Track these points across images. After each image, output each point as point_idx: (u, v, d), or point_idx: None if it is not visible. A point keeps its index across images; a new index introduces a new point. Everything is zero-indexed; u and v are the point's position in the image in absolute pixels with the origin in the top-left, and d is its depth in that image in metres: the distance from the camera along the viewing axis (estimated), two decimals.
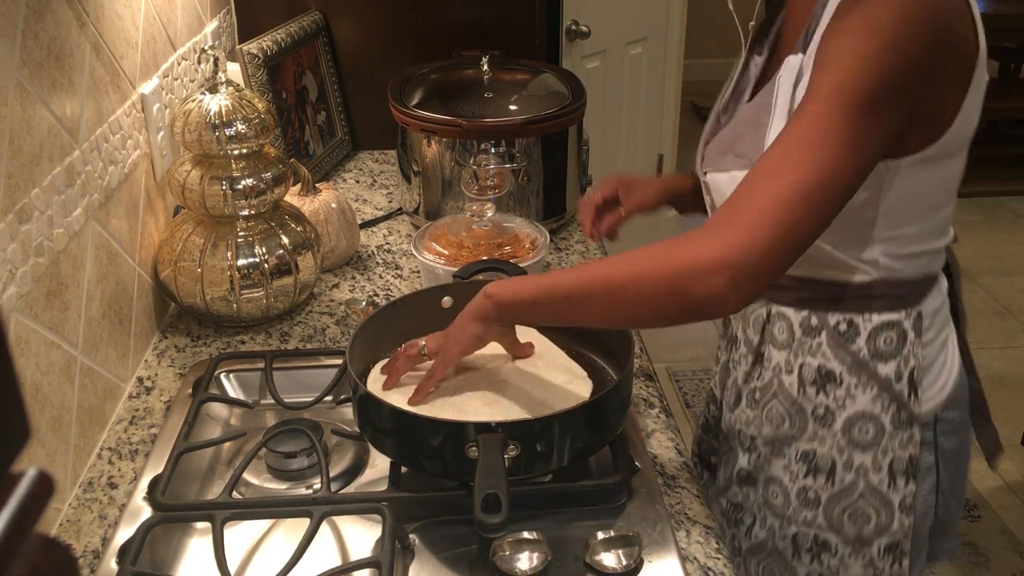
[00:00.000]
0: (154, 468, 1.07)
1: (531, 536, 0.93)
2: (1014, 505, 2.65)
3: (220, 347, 1.33)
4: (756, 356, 1.14)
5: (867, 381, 1.06)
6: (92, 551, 0.98)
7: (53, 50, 1.05)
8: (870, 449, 1.08)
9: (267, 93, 1.70)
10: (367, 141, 2.03)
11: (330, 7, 1.93)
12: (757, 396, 1.14)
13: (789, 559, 1.15)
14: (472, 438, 0.93)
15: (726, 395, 1.22)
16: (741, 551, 1.20)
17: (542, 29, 2.00)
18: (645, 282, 0.89)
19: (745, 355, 1.16)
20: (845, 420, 1.07)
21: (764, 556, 1.17)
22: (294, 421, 1.10)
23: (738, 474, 1.18)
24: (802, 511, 1.12)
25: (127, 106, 1.27)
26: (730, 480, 1.20)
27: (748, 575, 1.20)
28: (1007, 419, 2.98)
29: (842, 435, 1.08)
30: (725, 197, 0.99)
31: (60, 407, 1.04)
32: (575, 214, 1.71)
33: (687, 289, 0.88)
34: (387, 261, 1.58)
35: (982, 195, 4.50)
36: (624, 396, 1.03)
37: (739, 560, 1.21)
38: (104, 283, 1.18)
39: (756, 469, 1.16)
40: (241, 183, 1.30)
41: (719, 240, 0.86)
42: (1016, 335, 3.46)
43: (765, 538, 1.16)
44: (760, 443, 1.14)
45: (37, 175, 1.00)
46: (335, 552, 0.98)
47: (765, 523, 1.16)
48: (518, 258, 1.34)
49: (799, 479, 1.11)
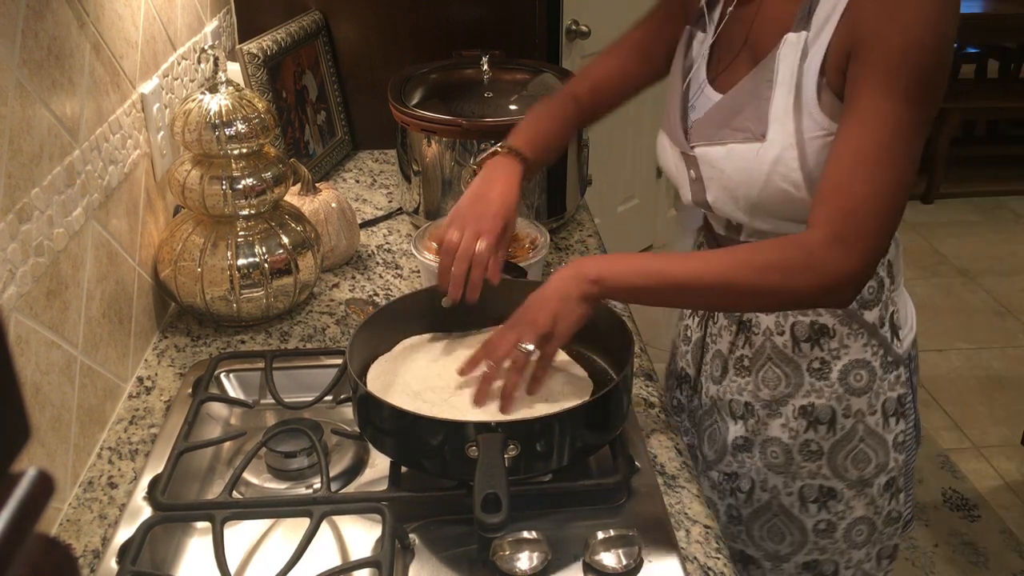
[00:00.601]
0: (154, 468, 1.07)
1: (531, 536, 0.93)
2: (1014, 505, 2.65)
3: (220, 347, 1.33)
4: (739, 325, 1.18)
5: (857, 329, 1.13)
6: (92, 551, 0.98)
7: (53, 50, 1.05)
8: (865, 393, 1.14)
9: (267, 93, 1.70)
10: (367, 141, 2.03)
11: (330, 7, 1.93)
12: (746, 363, 1.18)
13: (796, 513, 1.20)
14: (472, 438, 0.93)
15: (704, 370, 1.25)
16: (742, 518, 1.23)
17: (542, 29, 2.00)
18: (775, 294, 0.99)
19: (727, 326, 1.20)
20: (840, 369, 1.13)
21: (769, 517, 1.21)
22: (294, 421, 1.10)
23: (734, 443, 1.21)
24: (806, 464, 1.17)
25: (127, 106, 1.27)
26: (722, 451, 1.23)
27: (752, 540, 1.23)
28: (1007, 419, 2.98)
29: (839, 384, 1.14)
30: (720, 170, 1.07)
31: (60, 407, 1.04)
32: (575, 214, 1.71)
33: (823, 301, 1.02)
34: (387, 261, 1.58)
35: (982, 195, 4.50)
36: (624, 396, 1.03)
37: (739, 528, 1.24)
38: (104, 283, 1.18)
39: (753, 434, 1.19)
40: (241, 183, 1.30)
41: (856, 254, 0.95)
42: (1016, 335, 3.46)
43: (769, 499, 1.20)
44: (758, 407, 1.18)
45: (37, 175, 1.00)
46: (335, 552, 0.98)
47: (767, 484, 1.20)
48: (518, 258, 1.34)
49: (800, 434, 1.16)
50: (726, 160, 1.06)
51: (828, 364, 1.13)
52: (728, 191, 1.08)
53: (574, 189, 1.68)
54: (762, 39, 1.06)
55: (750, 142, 1.03)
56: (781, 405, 1.16)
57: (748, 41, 1.08)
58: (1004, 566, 2.45)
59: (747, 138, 1.03)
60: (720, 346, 1.21)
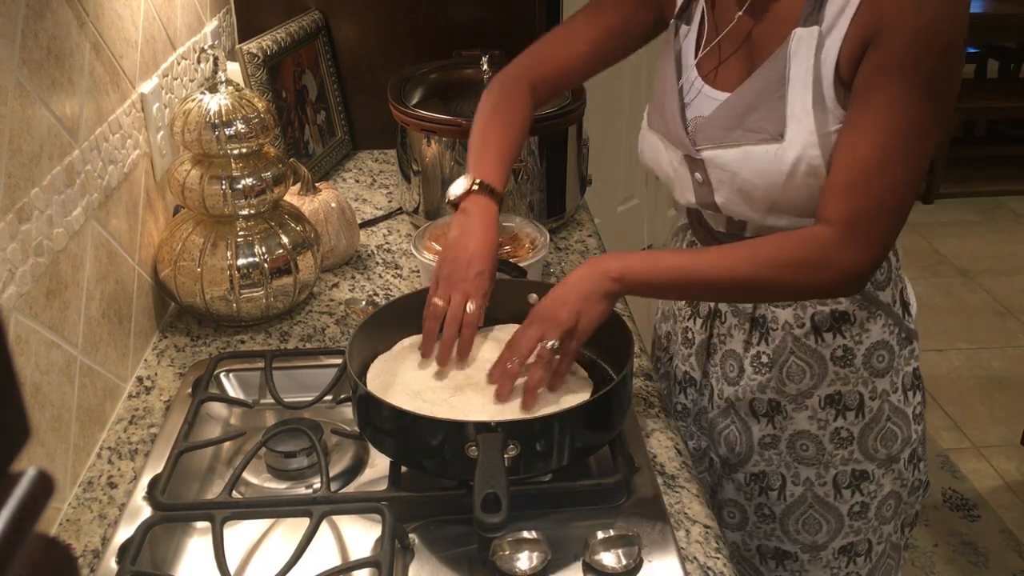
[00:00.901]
0: (154, 468, 1.07)
1: (531, 536, 0.93)
2: (1014, 505, 2.65)
3: (220, 347, 1.33)
4: (752, 323, 1.17)
5: (875, 312, 1.14)
6: (92, 550, 0.98)
7: (53, 49, 1.05)
8: (887, 373, 1.16)
9: (267, 93, 1.70)
10: (367, 141, 2.03)
11: (330, 7, 1.93)
12: (765, 360, 1.17)
13: (832, 501, 1.21)
14: (472, 438, 0.93)
15: (713, 372, 1.23)
16: (775, 516, 1.23)
17: (542, 29, 1.99)
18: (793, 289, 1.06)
19: (737, 325, 1.19)
20: (864, 354, 1.15)
21: (804, 510, 1.22)
22: (294, 421, 1.10)
23: (760, 442, 1.20)
24: (838, 452, 1.18)
25: (127, 105, 1.27)
26: (747, 452, 1.22)
27: (788, 536, 1.23)
28: (1007, 419, 2.98)
29: (864, 368, 1.15)
30: (733, 173, 1.06)
31: (60, 407, 1.04)
32: (574, 213, 1.71)
33: (836, 293, 1.09)
34: (387, 261, 1.58)
35: (982, 195, 4.50)
36: (624, 396, 1.03)
37: (772, 526, 1.23)
38: (104, 283, 1.18)
39: (780, 430, 1.19)
40: (241, 183, 1.30)
41: (870, 249, 0.99)
42: (1016, 335, 3.46)
43: (803, 492, 1.21)
44: (784, 402, 1.18)
45: (37, 174, 1.00)
46: (335, 552, 0.98)
47: (799, 478, 1.20)
48: (518, 258, 1.34)
49: (829, 424, 1.17)
50: (741, 162, 1.05)
51: (851, 351, 1.14)
52: (742, 193, 1.07)
53: (574, 189, 1.68)
54: (761, 34, 1.05)
55: (767, 143, 1.02)
56: (806, 397, 1.17)
57: (749, 36, 1.07)
58: (1004, 566, 2.45)
59: (764, 139, 1.02)
60: (732, 346, 1.20)
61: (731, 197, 1.08)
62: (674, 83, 1.13)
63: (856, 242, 0.98)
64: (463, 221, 1.13)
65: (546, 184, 1.62)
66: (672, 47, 1.15)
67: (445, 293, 1.08)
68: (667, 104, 1.13)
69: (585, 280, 1.02)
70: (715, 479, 1.27)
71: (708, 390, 1.25)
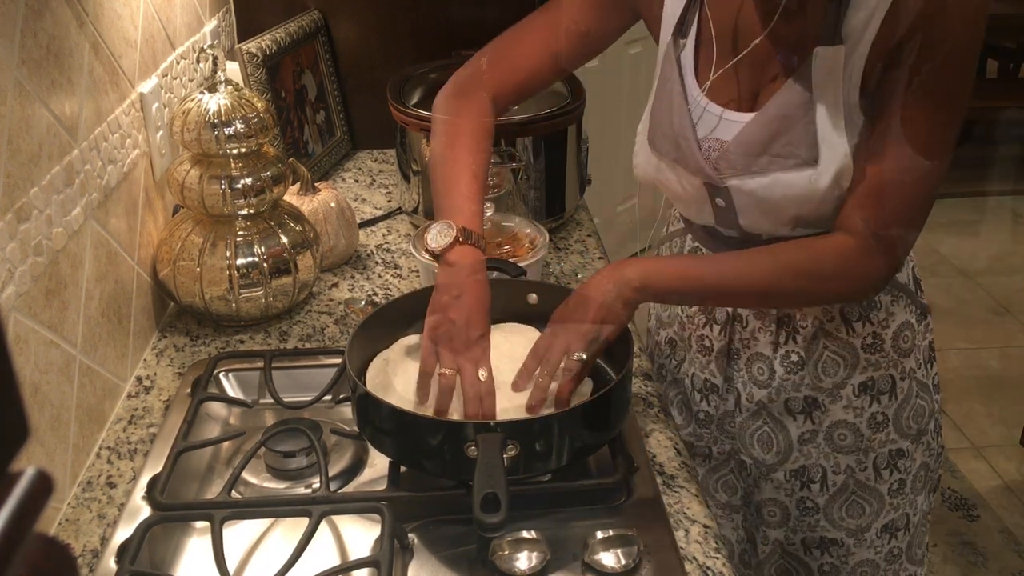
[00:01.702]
0: (153, 467, 1.07)
1: (530, 536, 0.93)
2: (1014, 505, 2.66)
3: (219, 346, 1.33)
4: (779, 322, 1.17)
5: (897, 295, 1.16)
6: (91, 550, 0.98)
7: (52, 49, 1.05)
8: (912, 352, 1.18)
9: (266, 92, 1.70)
10: (366, 140, 2.03)
11: (330, 7, 1.93)
12: (796, 359, 1.17)
13: (873, 484, 1.22)
14: (471, 438, 0.93)
15: (739, 376, 1.22)
16: (819, 507, 1.23)
17: None
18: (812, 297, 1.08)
19: (763, 328, 1.18)
20: (891, 337, 1.16)
21: (847, 496, 1.23)
22: (293, 420, 1.10)
23: (799, 439, 1.21)
24: (876, 436, 1.19)
25: (126, 105, 1.27)
26: (785, 451, 1.22)
27: (832, 524, 1.24)
28: (1007, 419, 2.98)
29: (892, 351, 1.17)
30: (762, 199, 1.04)
31: (59, 406, 1.04)
32: (574, 213, 1.71)
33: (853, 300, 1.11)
34: (386, 260, 1.58)
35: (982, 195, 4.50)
36: (624, 396, 1.03)
37: (816, 517, 1.24)
38: (103, 282, 1.18)
39: (817, 424, 1.20)
40: (240, 182, 1.30)
41: (890, 260, 1.02)
42: (1016, 335, 3.46)
43: (844, 480, 1.22)
44: (821, 397, 1.18)
45: (36, 174, 1.00)
46: (334, 551, 0.98)
47: (840, 467, 1.21)
48: (517, 257, 1.34)
49: (865, 410, 1.18)
50: (770, 189, 1.03)
51: (880, 336, 1.15)
52: (771, 215, 1.05)
53: (573, 189, 1.68)
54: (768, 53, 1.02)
55: (801, 168, 1.00)
56: (840, 388, 1.17)
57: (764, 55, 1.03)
58: (1003, 566, 2.45)
59: (797, 164, 1.00)
60: (759, 349, 1.18)
61: (757, 218, 1.07)
62: (683, 107, 1.08)
63: (878, 253, 1.00)
64: (452, 278, 1.07)
65: (545, 184, 1.62)
66: (674, 66, 1.10)
67: (452, 362, 1.03)
68: (678, 129, 1.08)
69: (607, 289, 1.03)
70: (749, 481, 1.26)
71: (734, 395, 1.23)
